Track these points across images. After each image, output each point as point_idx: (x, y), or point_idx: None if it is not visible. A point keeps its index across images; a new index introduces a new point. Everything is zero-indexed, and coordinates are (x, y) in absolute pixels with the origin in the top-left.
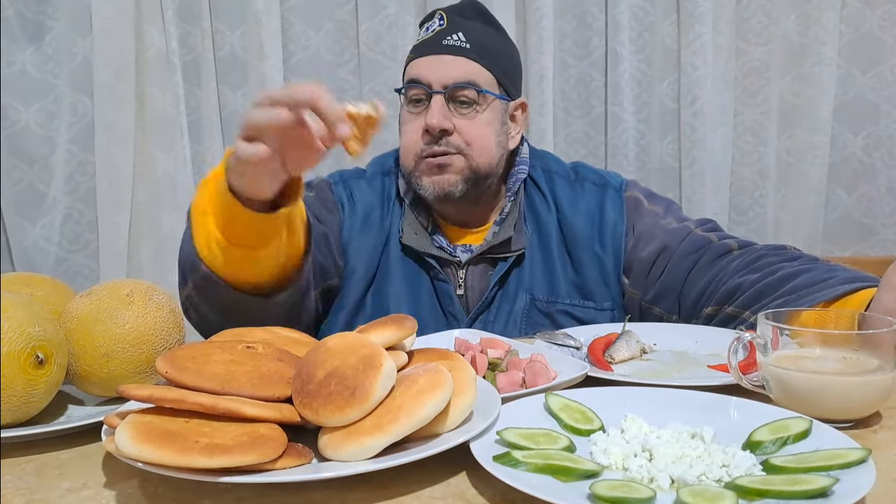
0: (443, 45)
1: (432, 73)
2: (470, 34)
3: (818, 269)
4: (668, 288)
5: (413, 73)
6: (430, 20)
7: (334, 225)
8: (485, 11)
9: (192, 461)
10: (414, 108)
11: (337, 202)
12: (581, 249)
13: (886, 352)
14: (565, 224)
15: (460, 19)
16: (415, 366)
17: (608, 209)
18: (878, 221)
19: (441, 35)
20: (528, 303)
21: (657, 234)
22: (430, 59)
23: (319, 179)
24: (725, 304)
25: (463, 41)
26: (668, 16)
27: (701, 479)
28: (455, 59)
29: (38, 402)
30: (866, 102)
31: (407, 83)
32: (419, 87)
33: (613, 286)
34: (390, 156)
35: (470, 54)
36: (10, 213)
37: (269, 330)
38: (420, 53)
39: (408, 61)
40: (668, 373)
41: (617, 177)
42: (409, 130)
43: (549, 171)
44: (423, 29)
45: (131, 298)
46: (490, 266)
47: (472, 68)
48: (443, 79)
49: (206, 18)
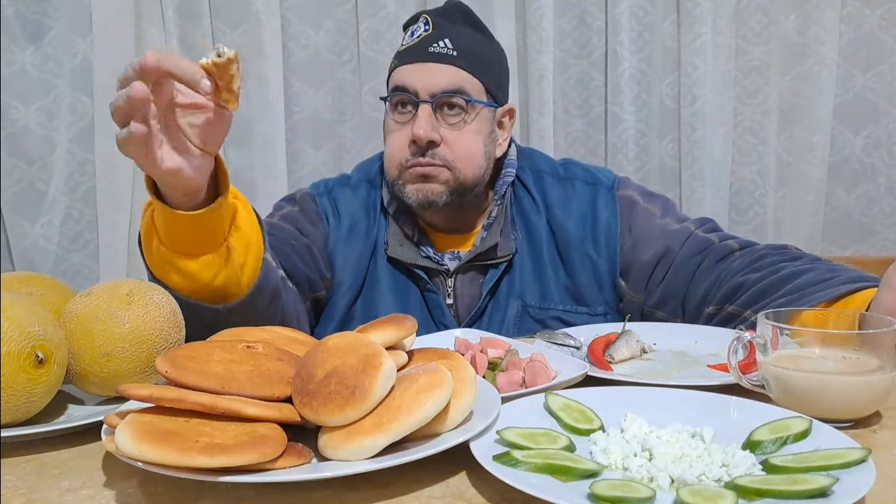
0: (429, 52)
1: (419, 80)
2: (457, 40)
3: (820, 268)
4: (671, 292)
5: (398, 80)
6: (415, 24)
7: (318, 238)
8: (470, 14)
9: (192, 461)
10: (400, 117)
11: (321, 214)
12: (573, 251)
13: (886, 352)
14: (556, 225)
15: (445, 23)
16: (415, 365)
17: (601, 209)
18: (878, 221)
19: (427, 41)
20: (520, 310)
21: (657, 235)
22: (416, 66)
23: (303, 192)
24: (727, 304)
25: (450, 48)
26: (668, 16)
27: (701, 478)
28: (442, 67)
29: (38, 401)
30: (866, 102)
31: (392, 90)
32: (405, 95)
33: (608, 290)
34: (374, 162)
35: (457, 61)
36: (10, 213)
37: (269, 330)
38: (405, 60)
39: (392, 67)
40: (668, 373)
41: (608, 174)
42: (395, 139)
43: (537, 171)
44: (407, 33)
45: (131, 298)
46: (480, 274)
47: (460, 76)
48: (430, 87)
49: (206, 18)
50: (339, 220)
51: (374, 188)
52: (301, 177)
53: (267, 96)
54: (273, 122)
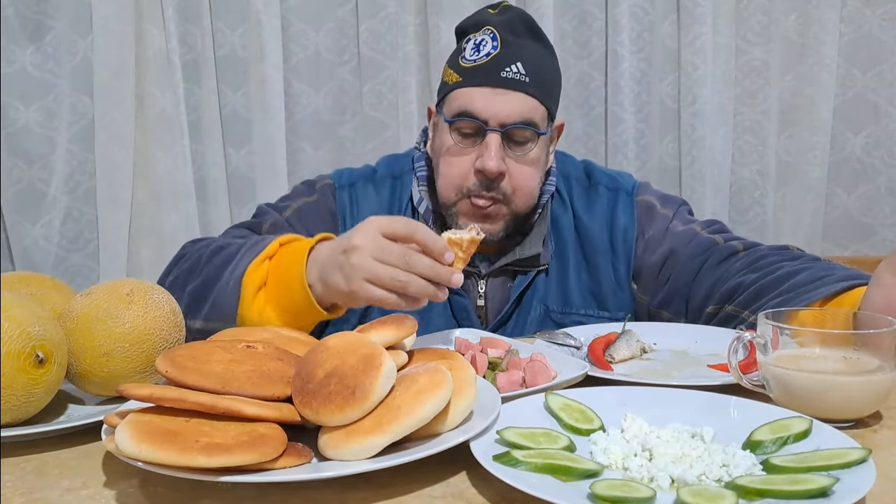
0: (501, 77)
1: (490, 108)
2: (527, 63)
3: (816, 267)
4: (675, 292)
5: (467, 104)
6: (479, 33)
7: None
8: (533, 25)
9: (192, 461)
10: (463, 140)
11: (338, 213)
12: (598, 254)
13: (886, 352)
14: (581, 227)
15: (514, 39)
16: (415, 365)
17: (620, 215)
18: (878, 221)
19: (498, 64)
20: (543, 313)
21: (665, 238)
22: (487, 91)
23: (323, 182)
24: (725, 304)
25: (522, 73)
26: (668, 16)
27: (701, 478)
28: (514, 96)
29: (38, 401)
30: (866, 102)
31: (460, 115)
32: (474, 122)
33: (626, 293)
34: (404, 158)
35: (529, 89)
36: (10, 213)
37: (269, 329)
38: (474, 81)
39: (455, 85)
40: (668, 372)
41: (629, 179)
42: (457, 164)
43: (566, 176)
44: (468, 44)
45: (131, 298)
46: (510, 278)
47: (529, 105)
48: (501, 117)
49: (206, 17)
50: (356, 219)
51: (402, 185)
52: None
53: (267, 96)
54: (273, 122)
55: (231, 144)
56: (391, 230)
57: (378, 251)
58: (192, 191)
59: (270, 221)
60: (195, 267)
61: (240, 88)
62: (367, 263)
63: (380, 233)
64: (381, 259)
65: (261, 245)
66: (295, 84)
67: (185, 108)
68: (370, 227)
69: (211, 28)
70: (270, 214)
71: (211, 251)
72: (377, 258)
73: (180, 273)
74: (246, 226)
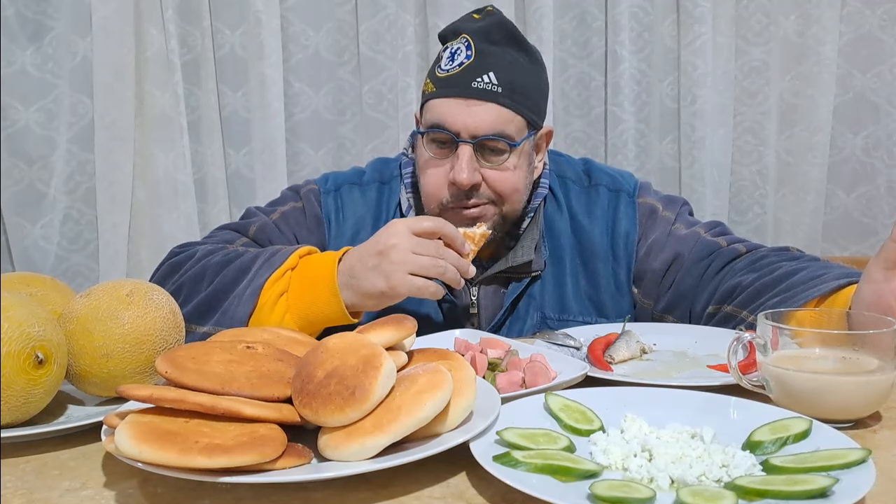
0: (472, 87)
1: (460, 120)
2: (501, 72)
3: (813, 266)
4: (680, 296)
5: (438, 116)
6: (455, 41)
7: (314, 243)
8: (514, 33)
9: (192, 461)
10: (437, 151)
11: (322, 218)
12: (597, 259)
13: (886, 352)
14: (580, 233)
15: (488, 47)
16: (415, 366)
17: (621, 217)
18: (878, 221)
19: (469, 74)
20: (539, 321)
21: (669, 242)
22: (457, 103)
23: (308, 187)
24: (724, 304)
25: (494, 83)
26: (667, 16)
27: (701, 479)
28: (485, 107)
29: (38, 402)
30: (866, 102)
31: (431, 127)
32: (445, 134)
33: (626, 298)
34: (394, 163)
35: (501, 99)
36: (10, 213)
37: (269, 330)
38: (445, 92)
39: (430, 95)
40: (668, 373)
41: (630, 179)
42: (433, 176)
43: (563, 177)
44: (445, 53)
45: (131, 298)
46: (502, 286)
47: (502, 116)
48: (472, 128)
49: (206, 18)
50: (341, 224)
51: (390, 191)
52: (301, 177)
53: (267, 96)
54: (273, 122)
55: (231, 145)
56: (421, 227)
57: (416, 246)
58: (191, 191)
59: (258, 224)
60: (202, 275)
61: (239, 88)
62: (409, 258)
63: (410, 231)
64: (419, 252)
65: (280, 256)
66: (295, 84)
67: (185, 109)
68: (400, 228)
69: (211, 28)
70: (258, 217)
71: (219, 261)
72: (416, 252)
73: (185, 281)
74: (232, 227)
